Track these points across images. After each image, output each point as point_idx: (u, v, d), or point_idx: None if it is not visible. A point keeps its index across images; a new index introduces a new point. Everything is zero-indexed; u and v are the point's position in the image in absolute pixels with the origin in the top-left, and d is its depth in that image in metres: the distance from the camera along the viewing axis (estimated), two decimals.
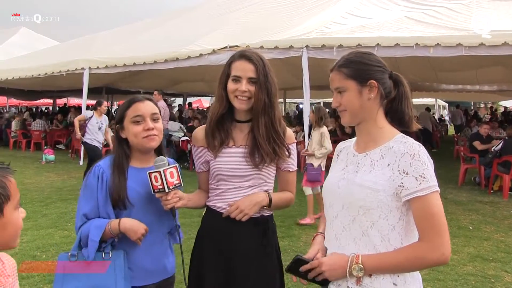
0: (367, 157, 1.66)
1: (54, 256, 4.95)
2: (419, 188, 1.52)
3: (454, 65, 11.86)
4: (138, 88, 19.69)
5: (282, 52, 9.54)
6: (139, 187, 2.00)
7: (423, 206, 1.52)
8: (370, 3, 11.93)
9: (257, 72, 2.01)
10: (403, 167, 1.54)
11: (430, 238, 1.51)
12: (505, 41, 7.84)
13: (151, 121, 2.03)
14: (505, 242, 5.76)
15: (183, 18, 15.92)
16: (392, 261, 1.55)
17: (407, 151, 1.55)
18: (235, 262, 2.04)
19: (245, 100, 2.02)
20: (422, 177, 1.52)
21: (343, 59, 1.71)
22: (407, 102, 1.70)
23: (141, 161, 2.08)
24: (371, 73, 1.65)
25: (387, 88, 1.68)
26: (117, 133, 2.11)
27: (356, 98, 1.65)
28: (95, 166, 2.04)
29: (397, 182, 1.55)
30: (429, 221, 1.52)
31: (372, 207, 1.57)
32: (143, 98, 2.07)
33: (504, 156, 8.76)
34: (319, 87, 14.57)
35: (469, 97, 23.67)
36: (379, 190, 1.56)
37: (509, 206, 7.88)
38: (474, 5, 10.86)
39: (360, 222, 1.60)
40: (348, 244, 1.63)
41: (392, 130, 1.68)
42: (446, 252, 1.51)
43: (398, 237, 1.58)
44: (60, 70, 13.42)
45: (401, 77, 1.72)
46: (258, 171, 2.06)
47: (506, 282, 4.46)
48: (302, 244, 5.50)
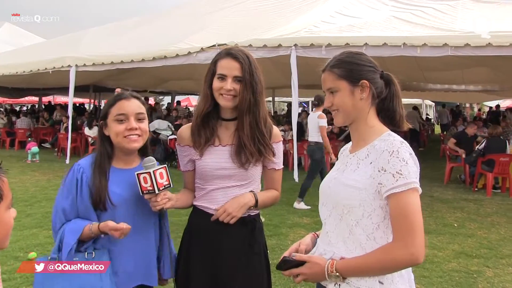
0: (355, 157, 1.68)
1: (39, 257, 4.90)
2: (396, 185, 1.50)
3: (440, 65, 11.98)
4: (125, 86, 19.44)
5: (270, 50, 9.55)
6: (121, 189, 1.94)
7: (398, 203, 1.50)
8: (359, 3, 12.00)
9: (243, 70, 2.00)
10: (382, 164, 1.54)
11: (401, 237, 1.48)
12: (489, 42, 7.96)
13: (135, 120, 1.97)
14: (487, 238, 5.87)
15: (172, 16, 15.85)
16: (366, 263, 1.54)
17: (387, 148, 1.55)
18: (222, 262, 2.04)
19: (230, 98, 2.01)
20: (399, 173, 1.50)
21: (334, 60, 1.72)
22: (398, 101, 1.72)
23: (125, 162, 2.02)
24: (363, 73, 1.66)
25: (379, 88, 1.69)
26: (100, 130, 2.04)
27: (348, 98, 1.66)
28: (75, 164, 1.98)
29: (377, 180, 1.55)
30: (402, 219, 1.49)
31: (355, 205, 1.58)
32: (129, 96, 2.01)
33: (488, 155, 8.90)
34: (308, 86, 14.62)
35: (455, 97, 23.90)
36: (361, 189, 1.57)
37: (492, 203, 8.04)
38: (459, 6, 11.01)
39: (346, 220, 1.62)
40: (338, 242, 1.65)
41: (381, 128, 1.68)
42: (416, 252, 1.46)
43: (383, 236, 1.58)
44: (46, 67, 13.27)
45: (392, 76, 1.73)
46: (244, 170, 2.06)
47: (487, 277, 4.55)
48: (289, 243, 5.52)
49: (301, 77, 9.60)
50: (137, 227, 1.98)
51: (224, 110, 2.09)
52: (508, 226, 6.48)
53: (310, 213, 7.03)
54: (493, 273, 4.64)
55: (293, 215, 6.86)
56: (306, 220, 6.65)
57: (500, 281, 4.44)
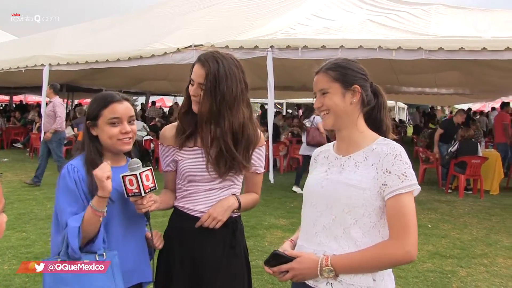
0: (351, 159, 1.72)
1: (10, 260, 4.77)
2: (401, 186, 1.58)
3: (414, 68, 12.22)
4: (100, 86, 19.20)
5: (247, 52, 9.54)
6: (115, 185, 1.89)
7: (399, 203, 1.58)
8: (334, 6, 12.12)
9: (206, 78, 1.95)
10: (386, 166, 1.61)
11: (398, 236, 1.57)
12: (462, 47, 8.14)
13: (127, 123, 1.96)
14: (460, 239, 6.00)
15: (148, 16, 15.68)
16: (361, 259, 1.59)
17: (390, 151, 1.63)
18: (203, 264, 2.02)
19: (196, 102, 2.00)
20: (404, 175, 1.59)
21: (330, 63, 1.77)
22: (385, 112, 1.81)
23: (113, 160, 1.98)
24: (356, 79, 1.73)
25: (369, 96, 1.75)
26: (87, 130, 1.99)
27: (339, 100, 1.70)
28: (67, 165, 1.91)
29: (380, 181, 1.61)
30: (402, 218, 1.58)
31: (358, 205, 1.62)
32: (121, 98, 1.97)
33: (460, 157, 9.09)
34: (284, 87, 14.71)
35: (428, 100, 24.32)
36: (365, 189, 1.62)
37: (465, 204, 8.22)
38: (433, 11, 11.25)
39: (342, 220, 1.65)
40: (329, 242, 1.67)
41: (373, 134, 1.75)
42: (411, 250, 1.56)
43: (378, 234, 1.64)
44: (18, 66, 12.95)
45: (380, 88, 1.81)
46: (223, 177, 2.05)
47: (461, 276, 4.65)
48: (266, 244, 5.53)
49: (276, 78, 9.63)
50: (131, 224, 1.97)
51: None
52: (479, 227, 6.64)
53: (286, 214, 7.05)
54: (466, 273, 4.75)
55: (270, 217, 6.87)
56: (283, 221, 6.67)
57: (472, 280, 4.54)
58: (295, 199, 8.14)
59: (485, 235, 6.23)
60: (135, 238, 2.01)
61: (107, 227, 1.90)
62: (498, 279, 4.61)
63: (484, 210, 7.77)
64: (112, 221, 1.91)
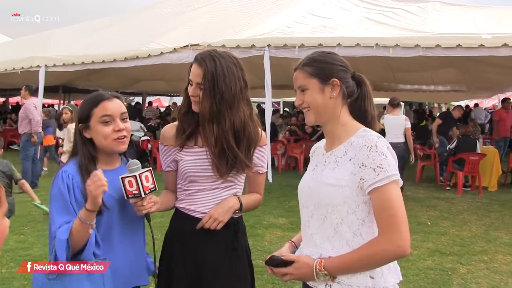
0: (332, 155, 1.68)
1: (8, 263, 4.73)
2: (378, 179, 1.51)
3: (411, 65, 12.20)
4: (96, 87, 19.06)
5: (244, 51, 9.49)
6: (110, 190, 1.82)
7: (380, 197, 1.52)
8: (331, 4, 12.11)
9: (204, 77, 1.93)
10: (362, 160, 1.55)
11: (386, 230, 1.50)
12: (459, 43, 8.14)
13: (120, 121, 1.90)
14: (460, 236, 6.00)
15: (144, 16, 15.62)
16: (353, 259, 1.54)
17: (365, 143, 1.56)
18: (205, 265, 2.00)
19: (196, 102, 1.98)
20: (380, 167, 1.52)
21: (306, 58, 1.73)
22: (370, 101, 1.74)
23: (107, 163, 1.94)
24: (334, 72, 1.67)
25: (350, 87, 1.70)
26: (80, 133, 1.92)
27: (318, 96, 1.66)
28: (61, 171, 1.86)
29: (358, 176, 1.56)
30: (386, 212, 1.51)
31: (339, 203, 1.58)
32: (110, 96, 1.92)
33: (458, 154, 9.09)
34: (280, 86, 14.66)
35: (425, 98, 24.34)
36: (343, 186, 1.57)
37: (463, 201, 8.22)
38: (429, 8, 11.25)
39: (330, 220, 1.61)
40: (324, 243, 1.64)
41: (356, 125, 1.69)
42: (402, 243, 1.48)
43: (369, 230, 1.58)
44: (14, 67, 12.84)
45: (364, 77, 1.74)
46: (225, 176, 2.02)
47: (461, 273, 4.65)
48: (266, 243, 5.52)
49: (273, 77, 9.60)
50: (128, 228, 1.94)
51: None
52: (478, 224, 6.64)
53: (285, 213, 7.03)
54: (466, 270, 4.74)
55: (269, 216, 6.85)
56: (282, 220, 6.65)
57: (473, 277, 4.53)
58: (293, 198, 8.04)
59: (485, 231, 6.23)
60: (131, 242, 1.97)
61: (103, 232, 1.85)
62: (499, 275, 4.60)
63: (483, 207, 7.77)
64: (108, 226, 1.87)
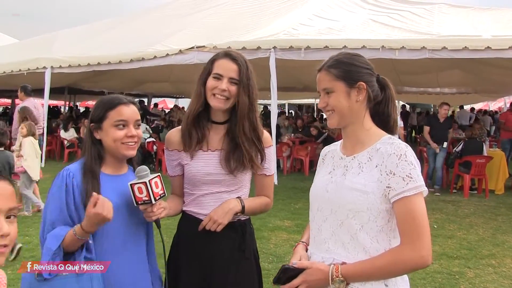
0: (355, 160, 1.64)
1: (14, 264, 4.73)
2: (406, 188, 1.50)
3: (416, 67, 12.15)
4: (101, 89, 19.22)
5: (249, 53, 9.45)
6: (113, 196, 1.80)
7: (407, 206, 1.50)
8: (337, 6, 12.07)
9: (240, 73, 1.95)
10: (390, 167, 1.53)
11: (410, 241, 1.50)
12: (465, 45, 8.09)
13: (133, 128, 1.89)
14: (467, 239, 5.95)
15: (149, 18, 15.64)
16: (373, 267, 1.52)
17: (394, 151, 1.54)
18: (213, 268, 1.99)
19: (223, 99, 1.95)
20: (409, 177, 1.50)
21: (332, 60, 1.68)
22: (393, 105, 1.71)
23: (114, 168, 1.92)
24: (361, 75, 1.64)
25: (375, 91, 1.67)
26: (90, 133, 1.91)
27: (344, 99, 1.63)
28: (63, 169, 1.85)
29: (385, 184, 1.53)
30: (411, 223, 1.50)
31: (362, 209, 1.55)
32: (128, 101, 1.91)
33: (465, 157, 9.04)
34: (285, 88, 14.64)
35: (430, 100, 24.23)
36: (369, 192, 1.54)
37: (470, 204, 8.17)
38: (435, 10, 11.19)
39: (348, 225, 1.58)
40: (337, 248, 1.61)
41: (379, 132, 1.67)
42: (425, 254, 1.50)
43: (386, 237, 1.57)
44: (20, 69, 12.90)
45: (388, 80, 1.71)
46: (233, 176, 2.01)
47: (469, 277, 4.60)
48: (272, 246, 5.49)
49: (278, 79, 9.59)
50: (131, 237, 1.90)
51: (215, 112, 2.03)
52: (485, 227, 6.59)
53: (290, 216, 7.01)
54: (474, 274, 4.70)
55: (274, 218, 6.81)
56: (288, 223, 6.63)
57: (481, 282, 4.49)
58: (299, 200, 8.09)
59: (492, 235, 6.18)
60: (135, 250, 1.93)
61: (104, 240, 1.82)
62: (507, 280, 4.56)
63: (490, 210, 7.73)
64: (110, 234, 1.84)
